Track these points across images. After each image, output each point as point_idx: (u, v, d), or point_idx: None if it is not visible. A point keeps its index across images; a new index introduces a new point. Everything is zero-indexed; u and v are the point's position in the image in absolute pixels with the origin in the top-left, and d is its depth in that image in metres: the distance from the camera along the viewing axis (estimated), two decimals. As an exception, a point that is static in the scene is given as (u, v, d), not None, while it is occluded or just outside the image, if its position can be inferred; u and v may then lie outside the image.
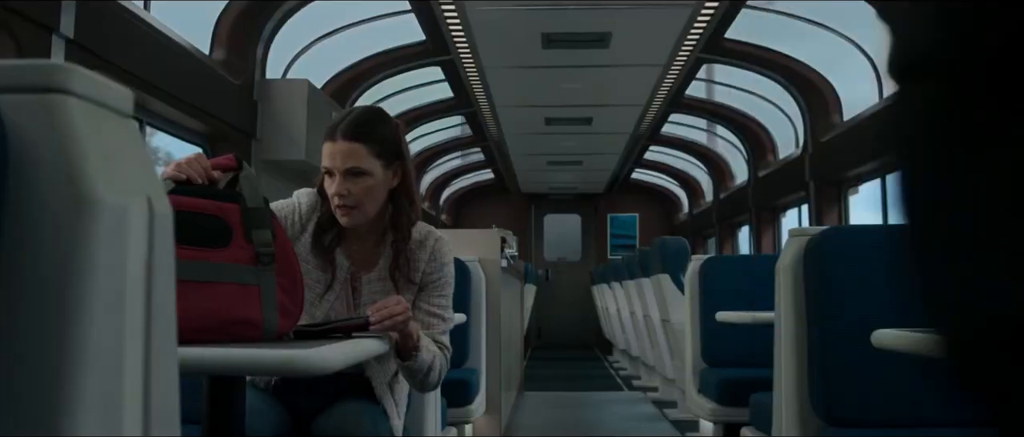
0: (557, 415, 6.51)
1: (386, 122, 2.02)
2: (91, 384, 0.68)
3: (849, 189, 6.52)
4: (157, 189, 0.79)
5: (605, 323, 11.55)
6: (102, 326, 0.69)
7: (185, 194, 1.57)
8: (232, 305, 1.55)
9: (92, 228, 0.68)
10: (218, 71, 4.34)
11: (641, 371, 8.54)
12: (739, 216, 9.80)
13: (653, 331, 6.55)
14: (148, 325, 0.76)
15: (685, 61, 6.62)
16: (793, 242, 2.53)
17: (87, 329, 0.67)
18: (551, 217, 14.46)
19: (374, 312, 1.78)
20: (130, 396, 0.72)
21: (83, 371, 0.67)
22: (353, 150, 1.93)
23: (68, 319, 0.66)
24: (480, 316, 4.03)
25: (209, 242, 1.56)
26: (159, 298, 0.78)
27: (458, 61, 6.67)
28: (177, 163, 1.61)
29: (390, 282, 2.03)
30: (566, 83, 7.34)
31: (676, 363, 5.58)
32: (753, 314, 3.13)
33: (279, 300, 1.61)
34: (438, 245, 2.08)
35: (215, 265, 1.56)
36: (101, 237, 0.69)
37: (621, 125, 9.13)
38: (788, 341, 2.51)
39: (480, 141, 10.14)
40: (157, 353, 0.76)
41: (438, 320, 2.08)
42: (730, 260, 4.79)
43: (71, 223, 0.68)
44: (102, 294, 0.69)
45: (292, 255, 1.67)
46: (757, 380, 3.67)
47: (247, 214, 1.61)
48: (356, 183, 1.94)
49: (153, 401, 0.75)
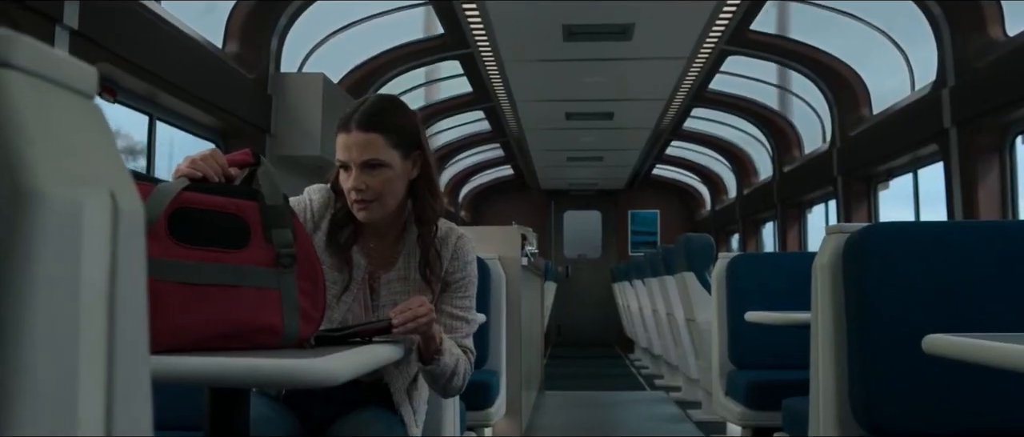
0: (579, 415, 6.41)
1: (402, 109, 1.91)
2: (36, 415, 0.56)
3: (879, 184, 6.35)
4: (123, 182, 0.66)
5: (626, 321, 11.46)
6: (47, 345, 0.57)
7: (204, 192, 1.47)
8: (252, 311, 1.46)
9: (34, 226, 0.56)
10: (231, 65, 4.23)
11: (663, 370, 8.45)
12: (763, 212, 9.67)
13: (677, 330, 6.43)
14: (111, 340, 0.64)
15: (709, 53, 6.47)
16: (831, 239, 2.40)
17: (27, 350, 0.55)
18: (571, 213, 14.40)
19: (397, 314, 1.67)
20: (88, 426, 0.60)
21: (23, 400, 0.55)
22: (369, 141, 1.82)
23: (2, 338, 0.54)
24: (500, 316, 3.93)
25: (227, 242, 1.46)
26: (126, 308, 0.66)
27: (477, 55, 6.56)
28: (191, 159, 1.51)
29: (410, 281, 1.93)
30: (587, 77, 7.21)
31: (701, 363, 5.45)
32: (786, 314, 2.98)
33: (300, 304, 1.51)
34: (461, 243, 1.98)
35: (235, 268, 1.45)
36: (46, 237, 0.57)
37: (643, 120, 9.00)
38: (826, 344, 2.39)
39: (499, 137, 10.05)
40: (123, 373, 0.64)
41: (461, 323, 1.97)
42: (758, 258, 4.65)
43: (7, 219, 0.56)
44: (46, 305, 0.57)
45: (314, 256, 1.56)
46: (788, 384, 3.56)
47: (266, 212, 1.51)
48: (374, 176, 1.83)
49: (118, 428, 0.63)
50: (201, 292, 1.41)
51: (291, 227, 1.53)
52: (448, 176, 11.62)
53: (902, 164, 5.86)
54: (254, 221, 1.50)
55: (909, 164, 5.79)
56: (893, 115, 5.72)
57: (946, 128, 4.72)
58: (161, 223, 1.39)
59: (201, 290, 1.41)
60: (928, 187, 5.75)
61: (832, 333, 2.34)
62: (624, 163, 11.78)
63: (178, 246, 1.41)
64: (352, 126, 1.83)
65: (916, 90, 5.53)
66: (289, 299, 1.50)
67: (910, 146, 5.38)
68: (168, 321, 1.37)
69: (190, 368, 1.27)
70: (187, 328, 1.39)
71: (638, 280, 9.06)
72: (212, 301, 1.42)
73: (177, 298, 1.39)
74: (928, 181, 5.73)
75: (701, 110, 8.64)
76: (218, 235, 1.46)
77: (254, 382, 1.24)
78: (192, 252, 1.42)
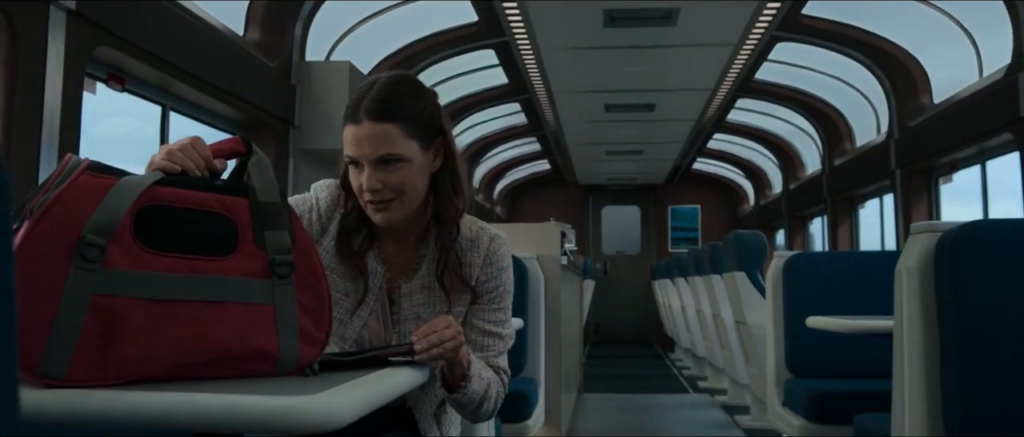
0: (620, 420, 6.16)
1: (419, 91, 1.63)
2: None
3: (942, 177, 5.97)
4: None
5: (667, 320, 11.20)
6: None
7: (183, 187, 1.20)
8: (240, 332, 1.19)
9: None
10: (252, 52, 3.98)
11: (707, 371, 8.20)
12: (811, 208, 9.33)
13: (724, 332, 6.13)
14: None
15: (758, 40, 6.13)
16: (919, 239, 2.12)
17: None
18: (609, 209, 14.19)
19: (420, 338, 1.41)
20: None
21: None
22: (383, 133, 1.55)
23: None
24: (539, 319, 3.68)
25: (209, 248, 1.20)
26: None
27: (513, 43, 6.29)
28: (168, 149, 1.24)
29: (435, 291, 1.66)
30: (628, 66, 6.91)
31: (752, 369, 5.14)
32: (858, 320, 2.66)
33: (300, 323, 1.25)
34: (494, 246, 1.70)
35: (217, 280, 1.19)
36: None
37: (685, 111, 8.70)
38: (914, 355, 2.13)
39: (536, 130, 9.80)
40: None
41: (494, 339, 1.70)
42: (818, 257, 4.33)
43: None
44: None
45: (317, 265, 1.29)
46: (856, 396, 3.29)
47: (259, 211, 1.25)
48: (391, 172, 1.56)
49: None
50: (175, 310, 1.15)
51: (289, 229, 1.26)
52: (482, 172, 11.39)
53: (968, 156, 5.49)
54: (243, 222, 1.24)
55: (977, 155, 5.42)
56: (959, 103, 5.34)
57: (1023, 116, 4.35)
58: (125, 225, 1.13)
59: (175, 307, 1.15)
60: (994, 180, 5.41)
61: (921, 342, 2.08)
62: (665, 157, 11.50)
63: (147, 253, 1.15)
64: (362, 116, 1.55)
65: (984, 76, 5.15)
66: (286, 317, 1.24)
67: (979, 136, 5.01)
68: (133, 346, 1.11)
69: (153, 407, 1.00)
70: (157, 355, 1.13)
71: (680, 278, 8.78)
72: (189, 321, 1.16)
73: (144, 318, 1.13)
74: (995, 174, 5.39)
75: (746, 101, 8.32)
76: (198, 239, 1.19)
77: (233, 425, 0.98)
78: (164, 260, 1.16)
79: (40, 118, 2.33)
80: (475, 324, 1.68)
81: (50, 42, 2.38)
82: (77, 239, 1.09)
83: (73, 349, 1.08)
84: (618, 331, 13.60)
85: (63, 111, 2.43)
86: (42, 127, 2.34)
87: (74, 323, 1.08)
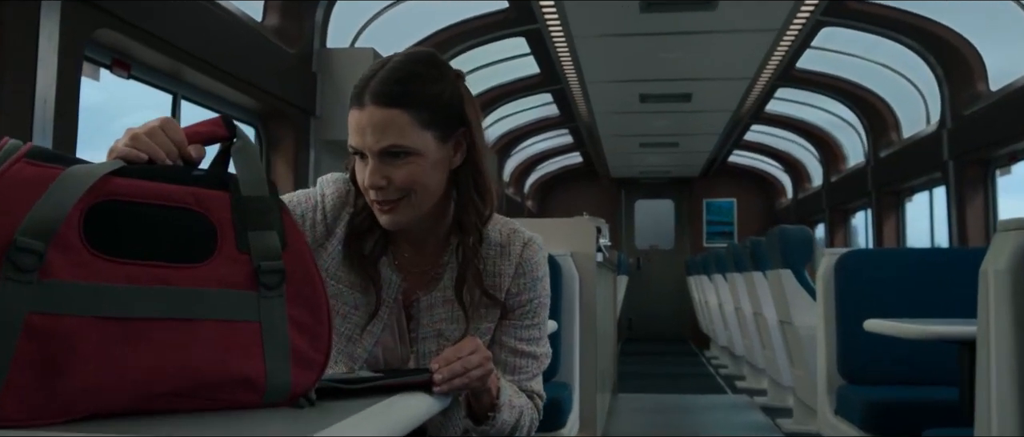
0: (657, 421, 5.93)
1: (438, 71, 1.38)
2: None
3: (999, 169, 5.65)
4: None
5: (703, 316, 10.95)
6: None
7: (148, 179, 0.98)
8: (218, 356, 0.97)
9: None
10: (270, 38, 3.78)
11: (745, 370, 7.92)
12: (854, 201, 9.01)
13: (766, 331, 5.86)
14: None
15: (803, 25, 5.84)
16: (1009, 238, 1.88)
17: None
18: (642, 202, 13.93)
19: (441, 365, 1.18)
20: None
21: None
22: (390, 120, 1.31)
23: None
24: (573, 320, 3.46)
25: (180, 253, 0.98)
26: None
27: (545, 30, 6.06)
28: (133, 133, 1.02)
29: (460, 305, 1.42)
30: (665, 53, 6.67)
31: (797, 372, 4.87)
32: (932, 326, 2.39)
33: (292, 343, 1.02)
34: (528, 253, 1.46)
35: (189, 292, 0.97)
36: None
37: (723, 101, 8.43)
38: (1003, 366, 1.90)
39: (568, 122, 9.57)
40: None
41: (528, 360, 1.46)
42: (872, 255, 4.07)
43: None
44: None
45: (314, 273, 1.06)
46: (919, 405, 3.03)
47: (242, 207, 1.02)
48: (398, 167, 1.32)
49: None
50: (136, 330, 0.93)
51: (279, 230, 1.04)
52: (513, 165, 11.17)
53: (1030, 145, 5.18)
54: (223, 220, 1.01)
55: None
56: (1018, 91, 5.03)
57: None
58: (71, 225, 0.91)
59: (136, 327, 0.93)
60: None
61: (1012, 352, 1.84)
62: (700, 149, 11.23)
63: (99, 260, 0.93)
64: (367, 99, 1.32)
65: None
66: (275, 336, 1.01)
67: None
68: (82, 377, 0.90)
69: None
70: (113, 387, 0.91)
71: (718, 274, 8.51)
72: (154, 343, 0.94)
73: (97, 341, 0.91)
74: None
75: (786, 91, 8.03)
76: (165, 242, 0.97)
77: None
78: (122, 269, 0.94)
79: (30, 106, 2.13)
80: (505, 343, 1.45)
81: (43, 23, 2.19)
82: (7, 244, 0.87)
83: (2, 381, 0.86)
84: (651, 326, 13.37)
85: (58, 99, 2.24)
86: (33, 116, 2.14)
87: (4, 349, 0.87)
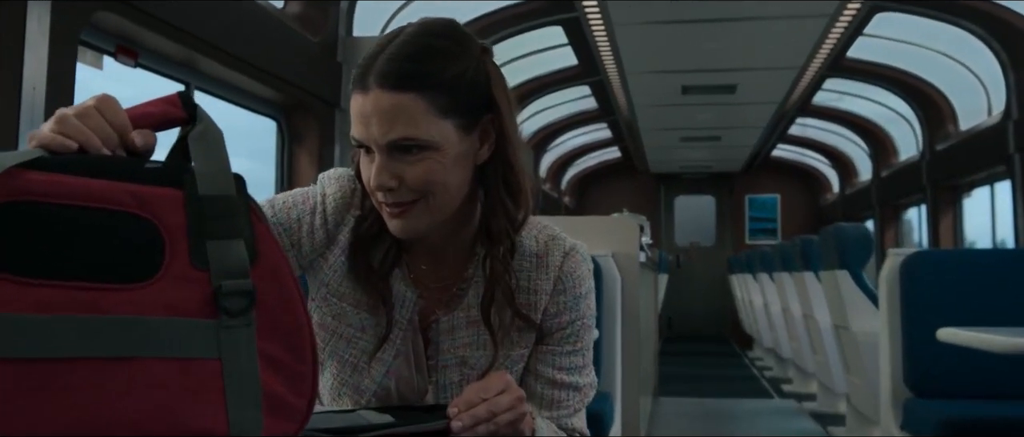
0: (701, 428, 5.68)
1: (460, 46, 1.10)
2: None
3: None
4: None
5: (745, 316, 10.64)
6: None
7: (75, 173, 0.76)
8: (164, 402, 0.75)
9: None
10: (291, 26, 3.58)
11: (792, 373, 7.60)
12: (906, 197, 8.65)
13: (817, 335, 5.56)
14: None
15: (856, 10, 5.53)
16: None
17: None
18: (682, 198, 13.63)
19: (461, 408, 0.97)
20: None
21: None
22: (400, 106, 1.04)
23: None
24: (615, 325, 3.22)
25: (116, 270, 0.75)
26: None
27: (583, 18, 5.82)
28: (61, 114, 0.79)
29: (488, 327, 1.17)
30: (708, 42, 6.39)
31: (854, 379, 4.57)
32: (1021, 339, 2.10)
33: (265, 386, 0.79)
34: (569, 265, 1.19)
35: (126, 321, 0.74)
36: None
37: (769, 93, 8.12)
38: None
39: (607, 115, 9.32)
40: None
41: (569, 392, 1.19)
42: (942, 256, 3.78)
43: None
44: None
45: (294, 293, 0.82)
46: (1002, 423, 2.75)
47: (198, 210, 0.79)
48: (412, 164, 1.06)
49: None
50: (54, 373, 0.71)
51: (248, 238, 0.80)
52: (550, 159, 10.93)
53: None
54: (174, 227, 0.78)
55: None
56: (1095, 77, 4.69)
57: None
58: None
59: (54, 369, 0.71)
60: None
61: None
62: (743, 143, 10.92)
63: (4, 281, 0.70)
64: (372, 81, 1.05)
65: None
66: (241, 377, 0.78)
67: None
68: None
69: None
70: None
71: (763, 273, 8.20)
72: (78, 390, 0.71)
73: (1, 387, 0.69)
74: None
75: (835, 81, 7.71)
76: (94, 256, 0.74)
77: None
78: (33, 291, 0.71)
79: (17, 97, 1.93)
80: (542, 373, 1.19)
81: (31, 4, 1.99)
82: None
83: None
84: (691, 325, 13.04)
85: (50, 88, 2.04)
86: (20, 108, 1.95)
87: None
